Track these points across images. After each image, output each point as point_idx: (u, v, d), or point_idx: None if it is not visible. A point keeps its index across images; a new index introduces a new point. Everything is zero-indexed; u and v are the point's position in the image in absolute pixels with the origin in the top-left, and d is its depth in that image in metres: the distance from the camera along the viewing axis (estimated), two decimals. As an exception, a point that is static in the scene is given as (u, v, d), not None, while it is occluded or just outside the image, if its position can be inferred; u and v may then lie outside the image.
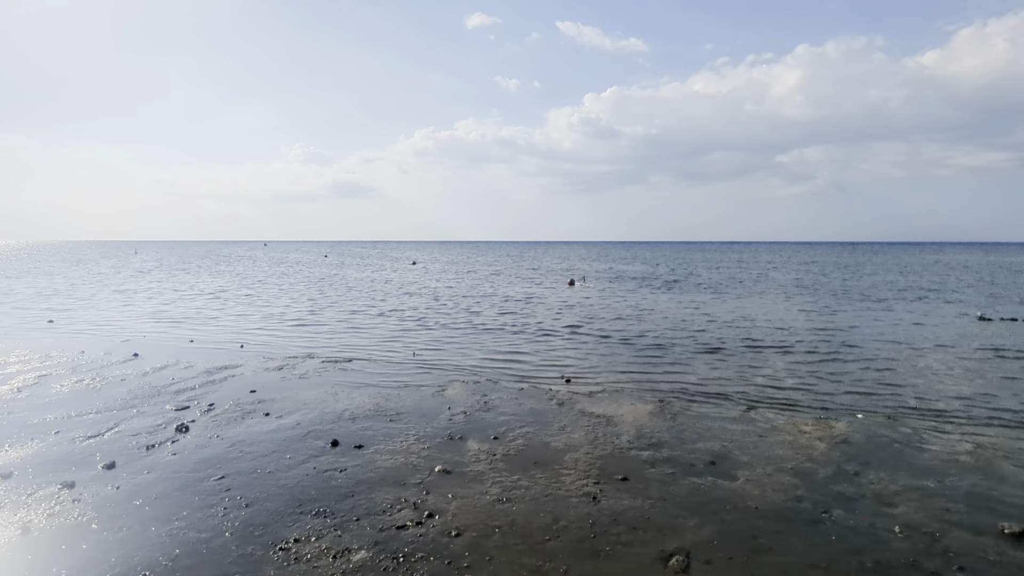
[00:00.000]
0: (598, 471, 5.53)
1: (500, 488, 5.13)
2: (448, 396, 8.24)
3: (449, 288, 27.36)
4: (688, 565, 3.88)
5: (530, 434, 6.62)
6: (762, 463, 5.69)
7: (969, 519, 4.52)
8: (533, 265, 53.85)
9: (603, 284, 30.12)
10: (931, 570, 3.81)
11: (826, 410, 7.52)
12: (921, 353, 11.47)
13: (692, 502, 4.85)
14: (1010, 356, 11.11)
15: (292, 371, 9.76)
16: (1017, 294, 24.44)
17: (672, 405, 7.74)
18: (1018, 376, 9.50)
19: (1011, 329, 14.68)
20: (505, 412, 7.49)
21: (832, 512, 4.63)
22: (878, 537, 4.23)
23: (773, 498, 4.91)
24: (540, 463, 5.75)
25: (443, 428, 6.82)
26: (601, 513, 4.66)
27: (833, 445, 6.17)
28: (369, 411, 7.47)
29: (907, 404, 7.86)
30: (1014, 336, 13.59)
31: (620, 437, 6.48)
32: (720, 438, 6.44)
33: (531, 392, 8.49)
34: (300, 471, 5.48)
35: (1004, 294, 24.44)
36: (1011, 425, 6.96)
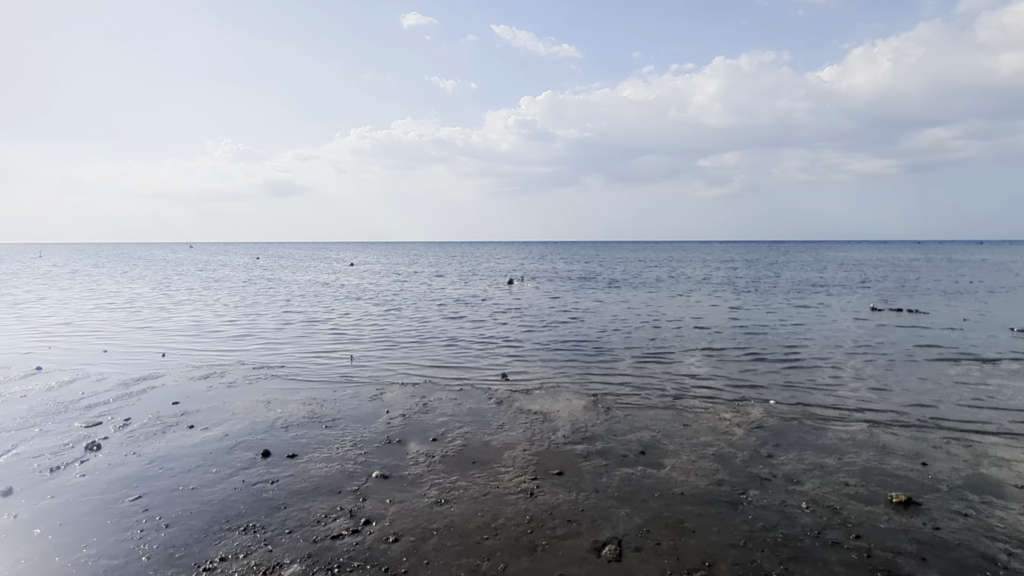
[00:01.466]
0: (535, 467, 5.60)
1: (439, 490, 5.08)
2: (386, 399, 8.06)
3: (388, 290, 26.79)
4: (620, 553, 4.01)
5: (469, 434, 6.60)
6: (687, 450, 5.97)
7: (864, 491, 4.95)
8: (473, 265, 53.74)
9: (541, 283, 30.50)
10: (833, 540, 4.14)
11: (744, 399, 8.00)
12: (824, 341, 12.45)
13: (624, 492, 5.01)
14: (896, 342, 12.28)
15: (220, 380, 9.21)
16: (903, 287, 27.03)
17: (605, 399, 7.97)
18: (902, 360, 10.51)
19: (897, 318, 16.24)
20: (444, 413, 7.43)
21: (749, 493, 4.93)
22: (788, 514, 4.55)
23: (697, 483, 5.16)
24: (479, 462, 5.75)
25: (381, 432, 6.67)
26: (538, 508, 4.72)
27: (749, 431, 6.57)
28: (303, 418, 7.18)
29: (812, 389, 8.50)
30: (899, 324, 15.04)
31: (556, 432, 6.60)
32: (649, 429, 6.69)
33: (470, 392, 8.46)
34: (227, 485, 5.19)
35: (892, 286, 26.97)
36: (896, 404, 7.69)
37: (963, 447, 6.02)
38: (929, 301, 20.23)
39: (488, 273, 39.86)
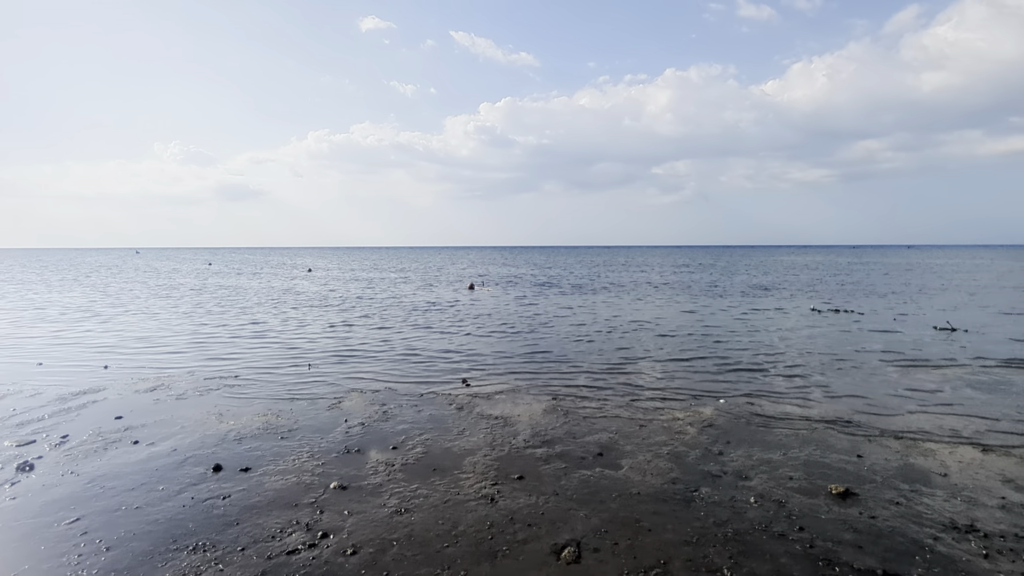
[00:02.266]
0: (496, 472, 5.58)
1: (399, 499, 4.99)
2: (345, 408, 7.87)
3: (348, 296, 26.20)
4: (579, 555, 4.04)
5: (430, 441, 6.52)
6: (643, 451, 6.09)
7: (807, 484, 5.18)
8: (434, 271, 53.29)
9: (502, 288, 30.53)
10: (779, 532, 4.30)
11: (695, 398, 8.23)
12: (769, 342, 12.98)
13: (582, 493, 5.06)
14: (833, 342, 12.94)
15: (168, 392, 8.76)
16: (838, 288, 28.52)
17: (564, 403, 8.03)
18: (840, 358, 11.07)
19: (836, 319, 17.11)
20: (405, 420, 7.31)
21: (701, 490, 5.07)
22: (737, 509, 4.70)
23: (652, 482, 5.27)
24: (439, 469, 5.68)
25: (339, 442, 6.50)
26: (499, 513, 4.70)
27: (701, 429, 6.76)
28: (258, 430, 6.91)
29: (759, 387, 8.84)
30: (838, 324, 15.86)
31: (517, 437, 6.60)
32: (607, 430, 6.79)
33: (431, 398, 8.37)
34: (175, 503, 4.93)
35: (830, 289, 28.42)
36: (834, 400, 8.09)
37: (894, 439, 6.39)
38: (864, 302, 21.43)
39: (450, 278, 39.60)
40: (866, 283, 31.63)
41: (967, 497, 4.89)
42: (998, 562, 3.88)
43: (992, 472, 5.43)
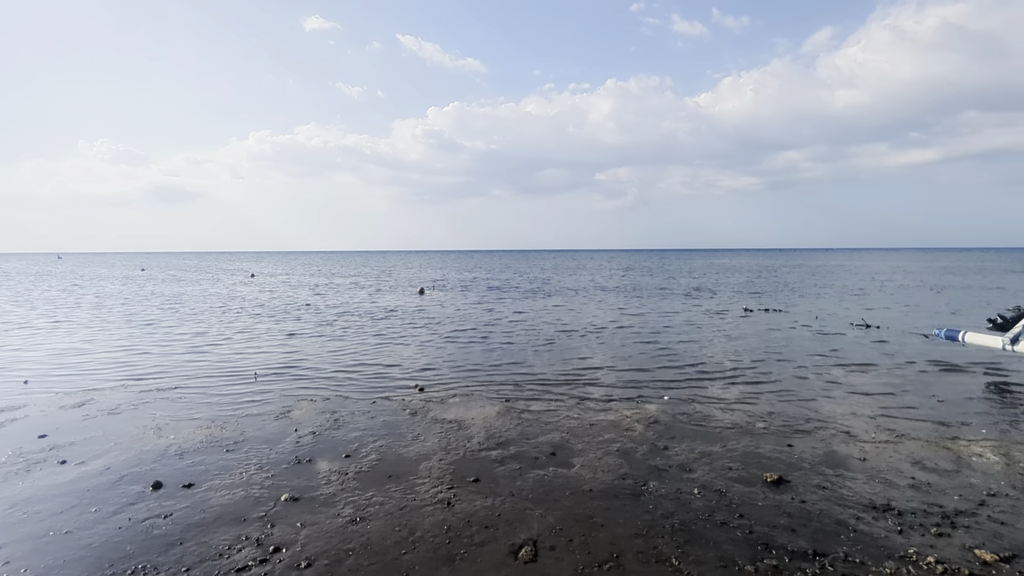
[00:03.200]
0: (452, 476, 5.54)
1: (353, 508, 4.86)
2: (295, 417, 7.58)
3: (294, 302, 25.24)
4: (536, 554, 4.08)
5: (384, 447, 6.39)
6: (593, 448, 6.22)
7: (744, 474, 5.46)
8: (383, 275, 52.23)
9: (452, 292, 30.33)
10: (721, 520, 4.51)
11: (642, 396, 8.49)
12: (708, 340, 13.59)
13: (537, 493, 5.11)
14: (765, 338, 13.71)
15: (98, 407, 8.14)
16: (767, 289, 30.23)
17: (518, 404, 8.08)
18: (771, 353, 11.74)
19: (766, 317, 18.14)
20: (358, 427, 7.13)
21: (649, 484, 5.24)
22: (682, 500, 4.89)
23: (603, 478, 5.39)
24: (395, 476, 5.58)
25: (290, 452, 6.25)
26: (455, 517, 4.67)
27: (647, 426, 6.99)
28: (201, 443, 6.54)
29: (699, 384, 9.23)
30: (768, 322, 16.81)
31: (471, 440, 6.58)
32: (559, 430, 6.89)
33: (384, 404, 8.20)
34: (110, 525, 4.59)
35: (761, 290, 30.08)
36: (767, 392, 8.57)
37: (820, 429, 6.84)
38: (790, 301, 22.81)
39: (399, 282, 38.94)
40: (792, 284, 33.72)
41: (883, 479, 5.31)
42: (910, 536, 4.23)
43: (903, 455, 5.92)
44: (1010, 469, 5.55)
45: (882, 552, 4.01)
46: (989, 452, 6.00)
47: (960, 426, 6.92)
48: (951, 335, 10.20)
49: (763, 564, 3.86)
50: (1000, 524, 4.42)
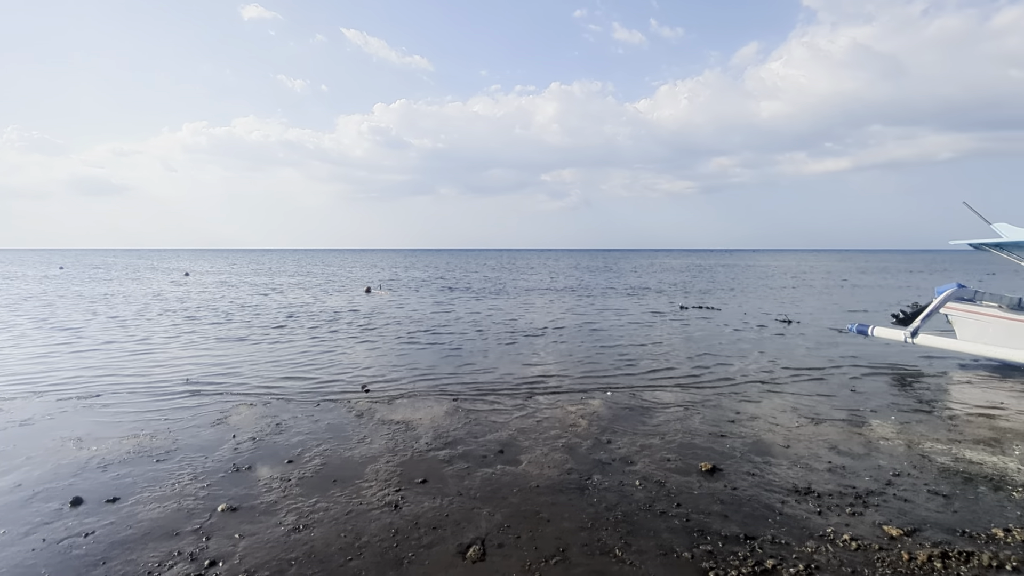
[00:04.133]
0: (399, 478, 5.42)
1: (296, 516, 4.65)
2: (233, 423, 7.17)
3: (232, 302, 23.94)
4: (484, 552, 4.05)
5: (328, 451, 6.16)
6: (540, 445, 6.27)
7: (682, 464, 5.67)
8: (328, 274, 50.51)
9: (400, 291, 29.76)
10: (661, 510, 4.66)
11: (586, 392, 8.65)
12: (647, 336, 14.04)
13: (485, 492, 5.08)
14: (698, 334, 14.33)
15: (7, 418, 7.38)
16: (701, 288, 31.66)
17: (465, 404, 8.02)
18: (706, 348, 12.29)
19: (699, 313, 18.97)
20: (301, 432, 6.84)
21: (593, 478, 5.34)
22: (625, 492, 5.01)
23: (550, 474, 5.45)
24: (340, 480, 5.39)
25: (227, 460, 5.91)
26: (403, 520, 4.57)
27: (592, 421, 7.12)
28: (128, 454, 6.07)
29: (640, 378, 9.52)
30: (701, 318, 17.59)
31: (419, 440, 6.46)
32: (506, 428, 6.89)
33: (329, 407, 7.91)
34: (22, 548, 4.16)
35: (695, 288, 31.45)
36: (704, 384, 8.96)
37: (749, 419, 7.21)
38: (721, 299, 23.98)
39: (345, 282, 37.79)
40: (723, 282, 35.46)
41: (804, 464, 5.66)
42: (828, 517, 4.53)
43: (822, 442, 6.34)
44: (911, 451, 6.06)
45: (804, 532, 4.27)
46: (895, 436, 6.53)
47: (870, 413, 7.50)
48: (862, 329, 11.05)
49: (699, 550, 4.02)
50: (904, 502, 4.82)
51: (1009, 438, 6.48)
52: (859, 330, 11.13)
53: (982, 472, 5.46)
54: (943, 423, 7.07)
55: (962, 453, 5.97)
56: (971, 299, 10.54)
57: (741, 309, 20.13)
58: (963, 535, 4.24)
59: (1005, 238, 10.29)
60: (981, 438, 6.48)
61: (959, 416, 7.36)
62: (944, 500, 4.86)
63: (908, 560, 3.86)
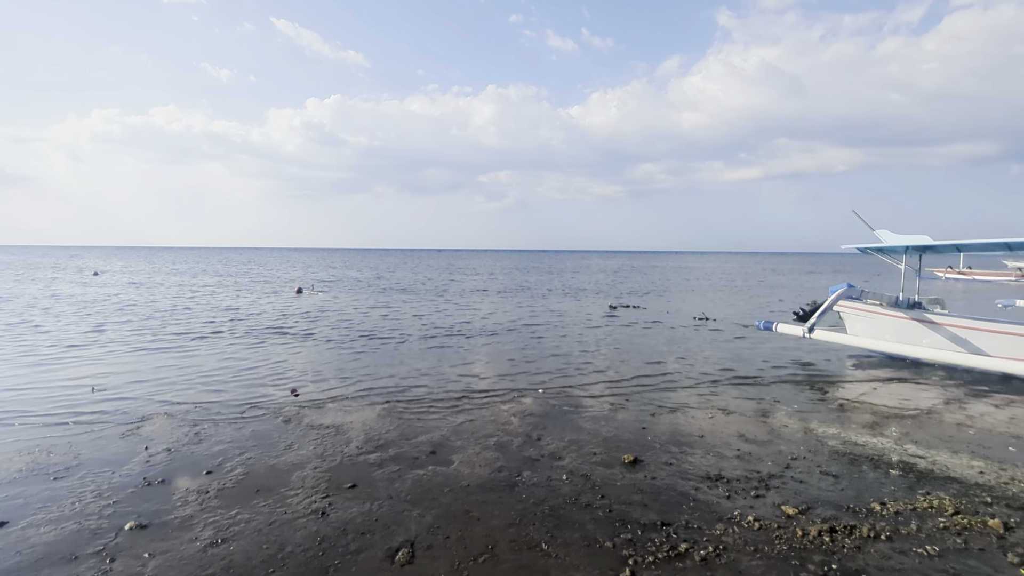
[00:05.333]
0: (327, 484, 5.22)
1: (214, 530, 4.36)
2: (146, 434, 6.61)
3: (148, 304, 22.07)
4: (413, 555, 3.99)
5: (252, 460, 5.83)
6: (472, 444, 6.26)
7: (606, 457, 5.86)
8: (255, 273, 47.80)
9: (333, 291, 28.68)
10: (586, 503, 4.79)
11: (519, 391, 8.73)
12: (579, 334, 14.41)
13: (416, 493, 5.00)
14: (626, 332, 14.89)
15: None
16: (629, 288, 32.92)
17: (398, 406, 7.86)
18: (631, 345, 12.78)
19: (627, 312, 19.71)
20: (222, 440, 6.42)
21: (523, 474, 5.40)
22: (552, 487, 5.11)
23: (481, 473, 5.45)
24: (264, 489, 5.11)
25: (138, 474, 5.44)
26: (330, 527, 4.41)
27: (523, 418, 7.21)
28: (20, 473, 5.43)
29: (570, 376, 9.75)
30: (629, 317, 18.28)
31: (349, 444, 6.26)
32: (439, 428, 6.82)
33: (254, 414, 7.48)
34: None
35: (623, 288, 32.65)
36: (627, 380, 9.31)
37: (668, 412, 7.58)
38: (647, 298, 25.05)
39: (276, 282, 35.92)
40: (649, 283, 37.06)
41: (716, 452, 6.03)
42: (735, 500, 4.85)
43: (732, 431, 6.78)
44: (809, 436, 6.61)
45: (714, 516, 4.54)
46: (794, 424, 7.10)
47: (774, 403, 8.10)
48: (767, 326, 11.93)
49: (620, 539, 4.17)
50: (800, 483, 5.25)
51: (888, 421, 7.22)
52: (765, 327, 12.02)
53: (865, 453, 6.05)
54: (834, 410, 7.77)
55: (849, 436, 6.59)
56: (858, 297, 11.66)
57: (664, 308, 21.12)
58: (848, 510, 4.67)
59: (885, 243, 11.49)
60: (865, 422, 7.18)
61: (847, 403, 8.12)
62: (834, 479, 5.33)
63: (801, 536, 4.21)
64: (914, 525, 4.38)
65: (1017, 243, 10.19)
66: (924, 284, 12.91)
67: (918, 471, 5.52)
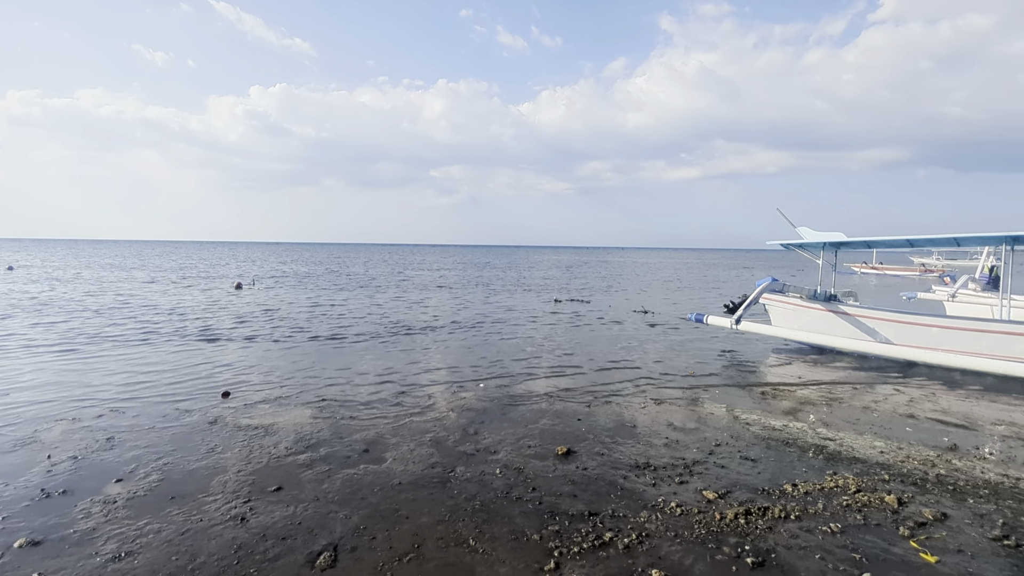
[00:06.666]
0: (250, 488, 4.92)
1: (118, 542, 4.00)
2: (47, 441, 6.01)
3: (70, 300, 20.28)
4: (335, 558, 3.80)
5: (169, 465, 5.41)
6: (407, 441, 6.09)
7: (541, 450, 5.85)
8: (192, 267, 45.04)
9: (274, 286, 27.42)
10: (517, 496, 4.74)
11: (460, 385, 8.61)
12: (524, 328, 14.43)
13: (344, 494, 4.79)
14: (570, 326, 15.06)
15: None
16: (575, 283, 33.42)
17: (333, 404, 7.54)
18: (575, 339, 12.93)
19: (572, 306, 19.95)
20: (138, 446, 5.93)
21: (456, 470, 5.29)
22: (485, 482, 5.03)
23: (414, 470, 5.30)
24: (179, 496, 4.75)
25: (35, 486, 4.92)
26: (249, 533, 4.14)
27: (461, 413, 7.09)
28: None
29: (511, 369, 9.71)
30: (573, 311, 18.50)
31: (278, 446, 5.93)
32: (375, 426, 6.60)
33: (175, 416, 6.97)
34: None
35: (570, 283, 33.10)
36: (568, 374, 9.38)
37: (604, 404, 7.68)
38: (591, 293, 25.48)
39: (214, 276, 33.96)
40: (595, 278, 37.76)
41: (646, 441, 6.15)
42: (661, 487, 4.95)
43: (662, 420, 6.94)
44: (733, 423, 6.87)
45: (640, 504, 4.61)
46: (720, 411, 7.36)
47: (702, 391, 8.39)
48: (699, 318, 12.38)
49: (547, 531, 4.15)
50: (721, 468, 5.43)
51: (804, 407, 7.63)
52: (697, 319, 12.47)
53: (782, 437, 6.35)
54: (757, 397, 8.13)
55: (769, 422, 6.90)
56: (781, 291, 12.30)
57: (608, 302, 21.55)
58: (762, 492, 4.87)
59: (805, 239, 12.17)
60: (784, 408, 7.55)
61: (769, 391, 8.53)
62: (752, 464, 5.55)
63: (720, 519, 4.33)
64: (820, 504, 4.61)
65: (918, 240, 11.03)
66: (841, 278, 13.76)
67: (827, 453, 5.84)
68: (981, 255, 21.02)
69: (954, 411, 7.47)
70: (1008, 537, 4.09)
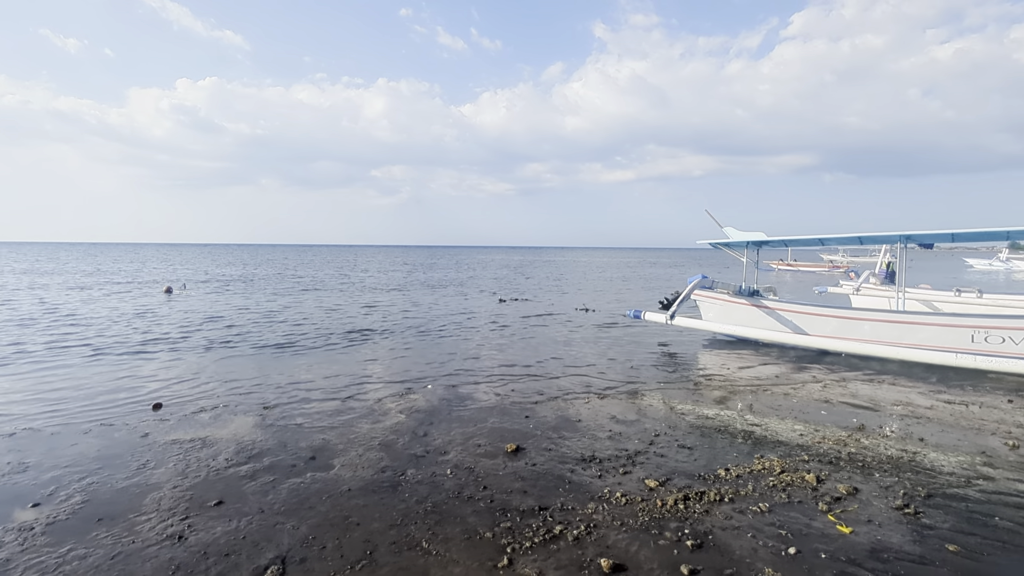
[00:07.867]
0: (188, 504, 4.61)
1: (38, 573, 3.63)
2: (-54, 466, 5.35)
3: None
4: (284, 571, 3.64)
5: (95, 485, 4.97)
6: (356, 446, 5.92)
7: (491, 448, 5.87)
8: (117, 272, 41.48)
9: (206, 290, 25.76)
10: (468, 496, 4.73)
11: (408, 387, 8.47)
12: (468, 328, 14.40)
13: (291, 504, 4.60)
14: (515, 325, 15.19)
15: None
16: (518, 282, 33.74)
17: (276, 411, 7.21)
18: (520, 337, 13.05)
19: (516, 306, 20.13)
20: (57, 466, 5.40)
21: (407, 473, 5.21)
22: (436, 483, 4.99)
23: (363, 475, 5.16)
24: (107, 518, 4.37)
25: (-68, 517, 4.37)
26: (188, 552, 3.88)
27: (411, 415, 6.99)
28: None
29: (459, 369, 9.67)
30: (518, 310, 18.68)
31: (217, 458, 5.60)
32: (321, 432, 6.37)
33: (102, 431, 6.40)
34: None
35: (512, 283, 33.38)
36: (515, 371, 9.47)
37: (551, 400, 7.81)
38: (534, 292, 25.81)
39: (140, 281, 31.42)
40: (538, 277, 38.26)
41: (591, 435, 6.32)
42: (606, 479, 5.11)
43: (606, 413, 7.16)
44: (671, 414, 7.19)
45: (587, 496, 4.74)
46: (658, 403, 7.69)
47: (642, 384, 8.72)
48: (636, 314, 12.87)
49: (500, 528, 4.18)
50: (661, 457, 5.68)
51: (733, 396, 8.11)
52: (634, 315, 12.95)
53: (715, 425, 6.72)
54: (691, 388, 8.56)
55: (702, 411, 7.29)
56: (710, 287, 13.01)
57: (551, 300, 21.92)
58: (699, 478, 5.14)
59: (731, 239, 12.93)
60: (715, 398, 8.00)
61: (702, 381, 9.00)
62: (689, 451, 5.84)
63: (661, 506, 4.54)
64: (750, 486, 4.93)
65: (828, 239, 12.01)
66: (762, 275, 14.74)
67: (755, 438, 6.25)
68: (880, 252, 23.19)
69: (862, 395, 8.21)
70: (908, 506, 4.55)
